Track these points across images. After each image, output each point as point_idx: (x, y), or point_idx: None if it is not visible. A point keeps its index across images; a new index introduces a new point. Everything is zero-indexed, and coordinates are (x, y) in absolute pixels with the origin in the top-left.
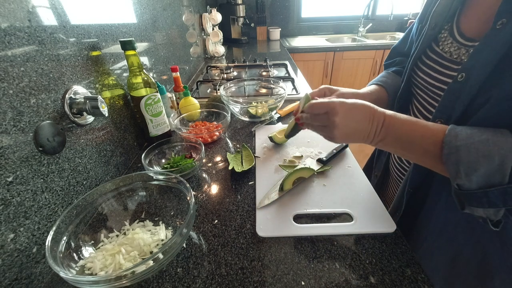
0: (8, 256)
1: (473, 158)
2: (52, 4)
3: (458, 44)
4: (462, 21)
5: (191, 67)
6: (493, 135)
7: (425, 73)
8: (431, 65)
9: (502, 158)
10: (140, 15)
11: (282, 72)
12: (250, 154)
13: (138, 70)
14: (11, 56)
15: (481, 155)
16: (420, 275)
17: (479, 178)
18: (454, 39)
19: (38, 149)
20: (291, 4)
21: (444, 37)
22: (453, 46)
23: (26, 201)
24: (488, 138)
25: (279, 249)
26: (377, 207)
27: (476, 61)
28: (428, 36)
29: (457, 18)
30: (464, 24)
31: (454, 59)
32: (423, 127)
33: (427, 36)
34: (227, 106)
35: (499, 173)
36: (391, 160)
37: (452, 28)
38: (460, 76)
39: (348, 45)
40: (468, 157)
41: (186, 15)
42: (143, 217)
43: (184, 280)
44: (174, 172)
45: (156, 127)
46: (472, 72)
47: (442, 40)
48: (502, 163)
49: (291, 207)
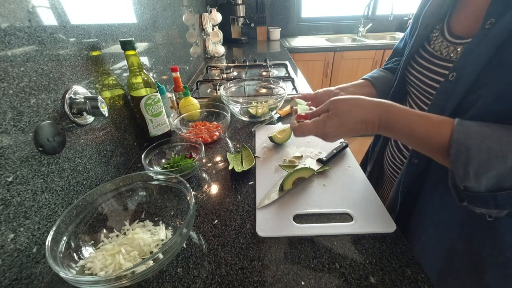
0: (8, 256)
1: (484, 158)
2: (52, 4)
3: (447, 42)
4: (453, 21)
5: (191, 67)
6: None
7: (418, 72)
8: (424, 64)
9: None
10: (140, 15)
11: (282, 72)
12: (250, 154)
13: (138, 70)
14: (11, 56)
15: (494, 155)
16: (420, 275)
17: (489, 180)
18: (444, 38)
19: (38, 149)
20: (291, 4)
21: (436, 37)
22: (443, 45)
23: (26, 201)
24: (501, 136)
25: (279, 249)
26: (377, 207)
27: (467, 60)
28: (421, 36)
29: (448, 18)
30: (454, 24)
31: (444, 57)
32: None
33: (419, 36)
34: (227, 106)
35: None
36: (385, 159)
37: (443, 28)
38: (451, 76)
39: (348, 45)
40: (479, 157)
41: (186, 15)
42: (143, 217)
43: (184, 280)
44: (174, 172)
45: (156, 127)
46: (463, 71)
47: (434, 39)
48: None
49: (291, 207)
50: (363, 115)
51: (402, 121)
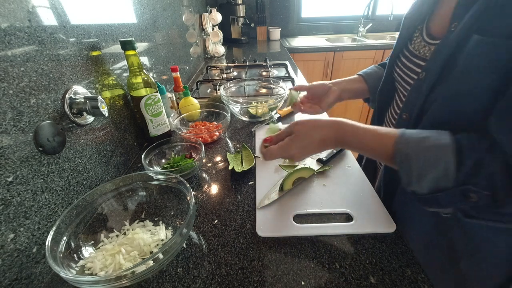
0: (8, 256)
1: (422, 165)
2: (52, 4)
3: (425, 42)
4: (431, 23)
5: (191, 67)
6: (436, 140)
7: (400, 69)
8: (405, 63)
9: (446, 164)
10: (140, 15)
11: (282, 72)
12: (250, 154)
13: (138, 70)
14: (11, 56)
15: (428, 162)
16: (420, 275)
17: (428, 183)
18: (423, 38)
19: (38, 149)
20: (291, 4)
21: (416, 37)
22: (421, 45)
23: (26, 201)
24: (432, 145)
25: (279, 249)
26: (377, 207)
27: (434, 61)
28: (404, 35)
29: (428, 20)
30: (432, 25)
31: (421, 56)
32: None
33: (403, 35)
34: (227, 106)
35: (445, 178)
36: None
37: (422, 29)
38: (422, 75)
39: (348, 45)
40: (418, 165)
41: (186, 15)
42: (143, 217)
43: (184, 280)
44: (174, 172)
45: (156, 127)
46: (429, 71)
47: (414, 39)
48: (446, 168)
49: (291, 207)
50: (321, 135)
51: (354, 136)
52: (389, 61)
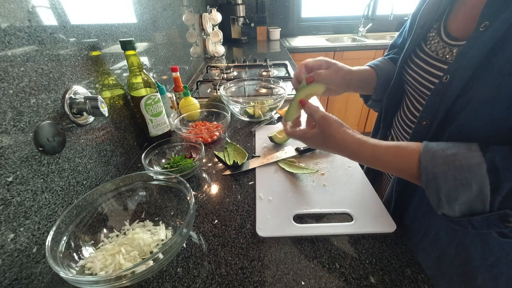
0: (8, 256)
1: (452, 186)
2: (52, 4)
3: (443, 43)
4: (449, 22)
5: (191, 67)
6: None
7: (414, 71)
8: (420, 64)
9: (479, 185)
10: (140, 15)
11: (282, 72)
12: (238, 148)
13: (138, 70)
14: (11, 56)
15: (459, 183)
16: (420, 275)
17: (461, 206)
18: (441, 38)
19: (38, 149)
20: (291, 4)
21: (432, 36)
22: (439, 46)
23: (26, 201)
24: (462, 165)
25: (279, 249)
26: (377, 207)
27: (460, 63)
28: (418, 35)
29: (445, 18)
30: (451, 24)
31: (440, 58)
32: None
33: (416, 34)
34: (227, 106)
35: (480, 201)
36: None
37: (439, 28)
38: (445, 78)
39: (348, 45)
40: (447, 186)
41: (186, 15)
42: (143, 217)
43: (184, 280)
44: (174, 172)
45: (156, 127)
46: (456, 74)
47: (430, 39)
48: (481, 190)
49: (291, 207)
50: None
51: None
52: (400, 62)
